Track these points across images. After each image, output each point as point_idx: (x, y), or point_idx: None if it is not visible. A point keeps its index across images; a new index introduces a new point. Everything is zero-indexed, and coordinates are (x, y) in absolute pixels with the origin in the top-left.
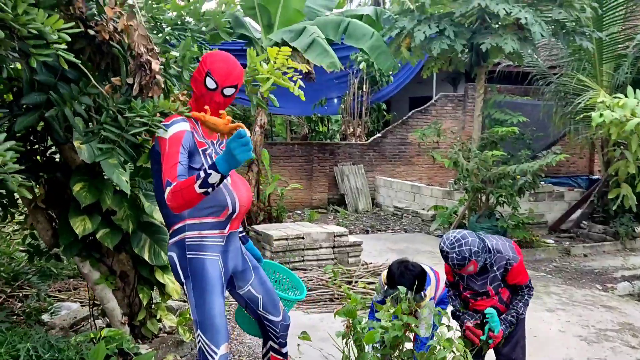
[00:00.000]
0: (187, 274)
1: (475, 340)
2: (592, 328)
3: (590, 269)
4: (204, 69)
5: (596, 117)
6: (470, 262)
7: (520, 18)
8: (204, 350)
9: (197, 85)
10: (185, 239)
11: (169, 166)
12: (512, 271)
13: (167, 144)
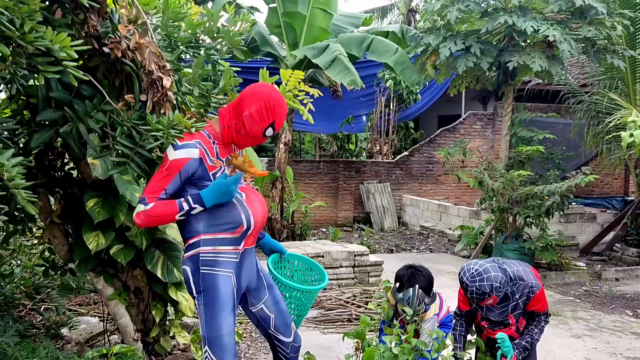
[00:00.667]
0: (199, 288)
1: None
2: (620, 356)
3: (621, 293)
4: (268, 116)
5: (626, 136)
6: (491, 297)
7: (549, 36)
8: None
9: (251, 125)
10: (199, 254)
11: (154, 186)
12: (534, 299)
13: (166, 165)
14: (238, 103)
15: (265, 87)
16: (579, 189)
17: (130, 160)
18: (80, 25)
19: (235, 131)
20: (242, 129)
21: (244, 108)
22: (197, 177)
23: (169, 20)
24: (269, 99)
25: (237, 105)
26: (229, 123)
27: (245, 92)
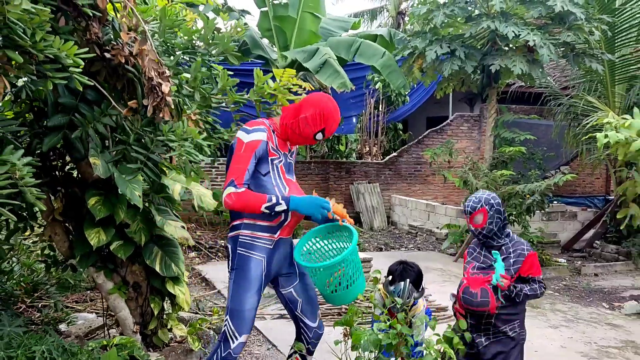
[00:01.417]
0: (233, 266)
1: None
2: (595, 345)
3: (599, 288)
4: (321, 122)
5: (601, 137)
6: (482, 209)
7: (529, 40)
8: (227, 333)
9: (305, 127)
10: (239, 236)
11: (238, 168)
12: (528, 259)
13: (242, 147)
14: (299, 106)
15: (324, 97)
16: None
17: (144, 165)
18: (82, 32)
19: (291, 129)
20: (296, 129)
21: (302, 111)
22: (261, 157)
23: (166, 27)
24: (324, 107)
25: (298, 108)
26: (288, 121)
27: (307, 98)
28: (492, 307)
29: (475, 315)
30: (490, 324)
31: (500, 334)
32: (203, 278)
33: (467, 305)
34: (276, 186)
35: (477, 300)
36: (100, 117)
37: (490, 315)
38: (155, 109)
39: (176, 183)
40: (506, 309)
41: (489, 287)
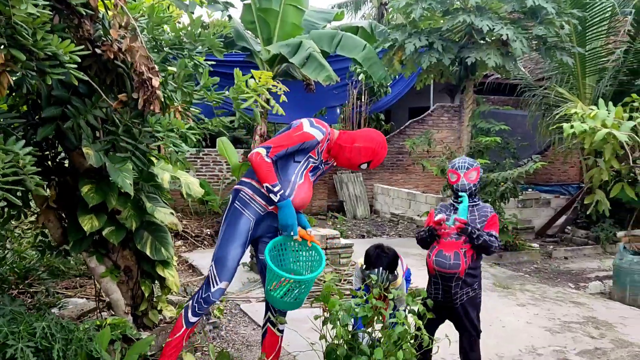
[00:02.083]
0: (227, 217)
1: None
2: (558, 321)
3: (568, 270)
4: (371, 156)
5: (567, 127)
6: (477, 167)
7: (503, 34)
8: (209, 278)
9: (356, 155)
10: (241, 191)
11: (281, 144)
12: (491, 219)
13: (299, 132)
14: (356, 134)
15: (380, 136)
16: (538, 177)
17: (132, 155)
18: (75, 29)
19: (342, 151)
20: (348, 153)
21: (358, 141)
22: (304, 148)
23: (154, 24)
24: (378, 145)
25: (355, 136)
26: (342, 143)
27: (366, 131)
28: (462, 269)
29: (446, 277)
30: (459, 285)
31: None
32: (190, 265)
33: (440, 268)
34: (295, 175)
35: (449, 263)
36: (91, 109)
37: (459, 277)
38: (145, 102)
39: (165, 172)
40: (471, 270)
41: (461, 252)
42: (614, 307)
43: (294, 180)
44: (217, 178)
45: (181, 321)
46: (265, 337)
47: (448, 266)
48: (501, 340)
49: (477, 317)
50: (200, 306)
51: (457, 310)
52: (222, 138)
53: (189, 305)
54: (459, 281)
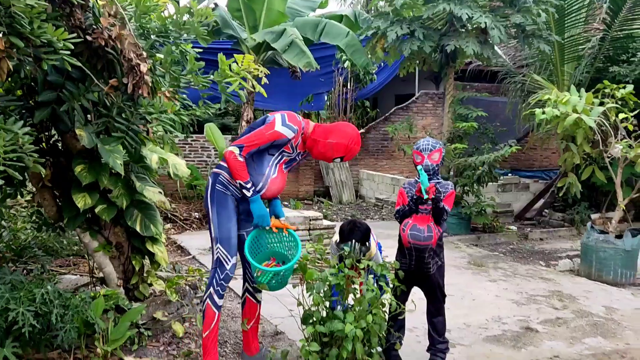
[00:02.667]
0: (213, 200)
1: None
2: (525, 294)
3: (541, 250)
4: (344, 152)
5: (539, 113)
6: (439, 149)
7: (481, 23)
8: (221, 258)
9: (329, 150)
10: (220, 174)
11: (254, 142)
12: (450, 194)
13: (271, 131)
14: (330, 130)
15: (354, 132)
16: (520, 163)
17: (126, 134)
18: (66, 17)
19: (316, 145)
20: (321, 147)
21: (331, 136)
22: (276, 145)
23: (141, 12)
24: (351, 141)
25: (329, 131)
26: (317, 137)
27: (341, 125)
28: (434, 241)
29: (420, 248)
30: (431, 256)
31: (438, 259)
32: (179, 246)
33: (415, 240)
34: (269, 168)
35: (424, 236)
36: (84, 93)
37: (432, 248)
38: (134, 86)
39: (153, 153)
40: (439, 242)
41: (433, 226)
42: (580, 282)
43: (267, 174)
44: (206, 164)
45: (210, 310)
46: (245, 306)
47: (422, 238)
48: (470, 311)
49: (443, 284)
50: (222, 287)
51: (429, 279)
52: (210, 124)
53: (210, 292)
54: (431, 252)
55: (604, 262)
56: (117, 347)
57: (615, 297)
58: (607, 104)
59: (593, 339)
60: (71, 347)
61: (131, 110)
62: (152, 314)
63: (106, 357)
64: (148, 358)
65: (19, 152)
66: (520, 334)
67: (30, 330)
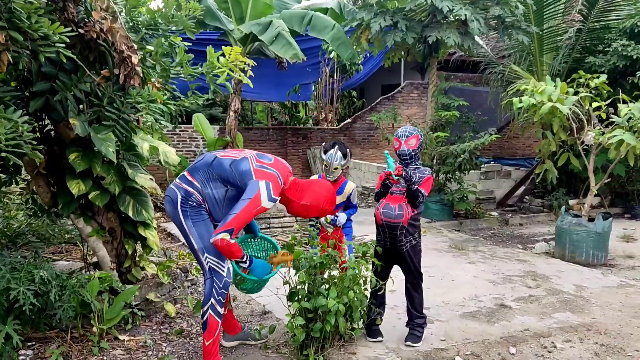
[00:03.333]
0: (186, 215)
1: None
2: (501, 274)
3: (520, 234)
4: (319, 213)
5: (516, 102)
6: (416, 135)
7: (461, 15)
8: (213, 267)
9: (302, 209)
10: (192, 194)
11: (241, 221)
12: (426, 179)
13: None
14: (304, 189)
15: (328, 192)
16: (503, 152)
17: (116, 123)
18: (60, 11)
19: (290, 203)
20: (295, 207)
21: (305, 197)
22: None
23: (131, 6)
24: (325, 202)
25: (303, 190)
26: (291, 197)
27: (314, 186)
28: (405, 219)
29: (391, 225)
30: (403, 234)
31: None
32: (169, 234)
33: (386, 218)
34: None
35: (395, 214)
36: (77, 84)
37: (403, 226)
38: (126, 77)
39: (144, 142)
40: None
41: (404, 205)
42: (554, 263)
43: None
44: (194, 154)
45: (213, 320)
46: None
47: (393, 216)
48: (449, 290)
49: (419, 263)
50: (222, 296)
51: (403, 256)
52: (198, 114)
53: (212, 303)
54: (403, 230)
55: (576, 244)
56: (112, 327)
57: (585, 277)
58: (581, 93)
59: (562, 314)
60: (68, 326)
61: (121, 100)
62: (145, 295)
63: (102, 335)
64: (142, 336)
65: (18, 139)
66: (495, 310)
67: (31, 309)
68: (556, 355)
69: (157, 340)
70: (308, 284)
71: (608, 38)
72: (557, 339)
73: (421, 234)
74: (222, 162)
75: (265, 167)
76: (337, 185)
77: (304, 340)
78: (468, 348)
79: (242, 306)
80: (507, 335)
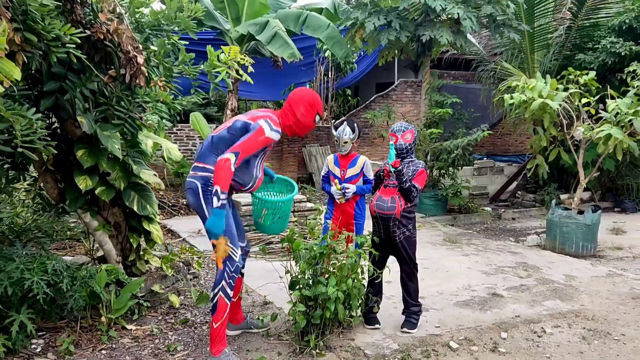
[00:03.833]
0: (208, 201)
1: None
2: (494, 266)
3: (513, 228)
4: (313, 109)
5: (507, 98)
6: (411, 130)
7: (454, 14)
8: (228, 252)
9: (305, 119)
10: (210, 178)
11: (247, 149)
12: (420, 172)
13: (262, 137)
14: (290, 107)
15: (305, 91)
16: (496, 148)
17: (125, 122)
18: (68, 13)
19: (297, 127)
20: (300, 124)
21: (296, 111)
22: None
23: (135, 8)
24: (309, 98)
25: (292, 109)
26: (290, 123)
27: (293, 98)
28: (398, 211)
29: (384, 217)
30: (396, 225)
31: (405, 230)
32: (169, 230)
33: (379, 210)
34: (255, 168)
35: (387, 206)
36: (85, 83)
37: (396, 218)
38: (132, 76)
39: (148, 139)
40: (406, 213)
41: (397, 197)
42: (545, 255)
43: (255, 175)
44: (191, 152)
45: (223, 301)
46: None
47: (386, 208)
48: (442, 280)
49: (413, 254)
50: (233, 279)
51: (397, 247)
52: (196, 113)
53: (222, 285)
54: (396, 221)
55: (566, 236)
56: (119, 317)
57: (575, 267)
58: (570, 89)
59: (552, 301)
60: (78, 316)
61: (129, 99)
62: (150, 287)
63: (110, 325)
64: (148, 326)
65: (32, 136)
66: (487, 299)
67: (44, 298)
68: (545, 339)
69: (163, 329)
70: (308, 273)
71: (597, 35)
72: (547, 325)
73: (416, 225)
74: (220, 135)
75: (257, 114)
76: (349, 159)
77: (304, 327)
78: (461, 334)
79: (243, 297)
80: (499, 322)
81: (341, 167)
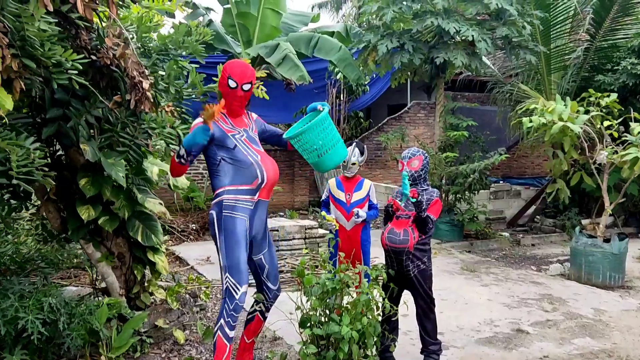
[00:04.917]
0: (220, 228)
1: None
2: (517, 297)
3: (533, 255)
4: (225, 74)
5: (526, 121)
6: (419, 156)
7: (468, 36)
8: (229, 288)
9: (222, 87)
10: (223, 201)
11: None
12: (434, 202)
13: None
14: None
15: (236, 60)
16: (513, 171)
17: (130, 149)
18: (72, 39)
19: (227, 101)
20: (226, 97)
21: (219, 85)
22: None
23: (142, 32)
24: (224, 65)
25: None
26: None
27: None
28: (411, 244)
29: (397, 251)
30: (409, 259)
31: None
32: (177, 257)
33: (391, 243)
34: (247, 155)
35: (399, 239)
36: (89, 110)
37: (409, 251)
38: (137, 102)
39: (154, 166)
40: (420, 246)
41: (410, 230)
42: (570, 286)
43: (252, 160)
44: (202, 176)
45: (221, 342)
46: (252, 322)
47: (398, 241)
48: (462, 313)
49: (429, 288)
50: (232, 318)
51: (412, 281)
52: None
53: (221, 324)
54: (409, 255)
55: (592, 266)
56: (120, 355)
57: (603, 299)
58: (592, 112)
59: (582, 339)
60: (76, 355)
61: (134, 125)
62: (153, 321)
63: None
64: None
65: (30, 166)
66: (512, 336)
67: (39, 338)
68: None
69: None
70: (320, 310)
71: (616, 56)
72: None
73: (431, 257)
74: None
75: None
76: (354, 182)
77: None
78: None
79: None
80: None
81: (346, 191)
